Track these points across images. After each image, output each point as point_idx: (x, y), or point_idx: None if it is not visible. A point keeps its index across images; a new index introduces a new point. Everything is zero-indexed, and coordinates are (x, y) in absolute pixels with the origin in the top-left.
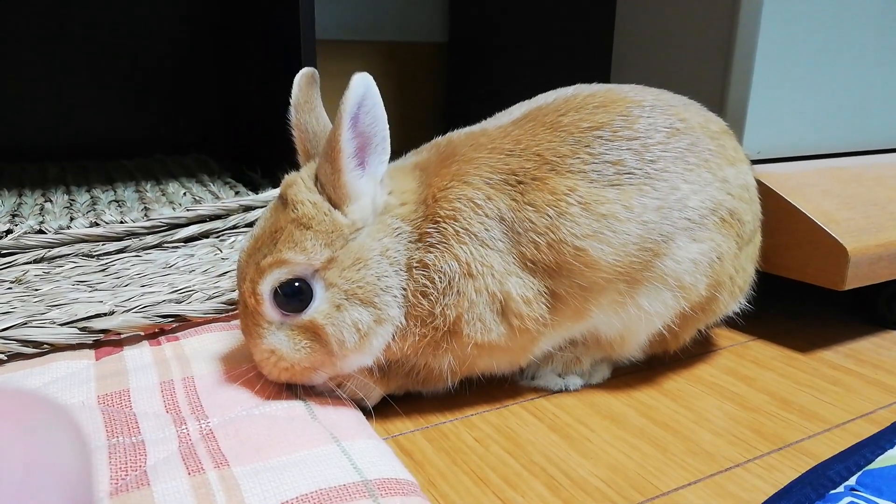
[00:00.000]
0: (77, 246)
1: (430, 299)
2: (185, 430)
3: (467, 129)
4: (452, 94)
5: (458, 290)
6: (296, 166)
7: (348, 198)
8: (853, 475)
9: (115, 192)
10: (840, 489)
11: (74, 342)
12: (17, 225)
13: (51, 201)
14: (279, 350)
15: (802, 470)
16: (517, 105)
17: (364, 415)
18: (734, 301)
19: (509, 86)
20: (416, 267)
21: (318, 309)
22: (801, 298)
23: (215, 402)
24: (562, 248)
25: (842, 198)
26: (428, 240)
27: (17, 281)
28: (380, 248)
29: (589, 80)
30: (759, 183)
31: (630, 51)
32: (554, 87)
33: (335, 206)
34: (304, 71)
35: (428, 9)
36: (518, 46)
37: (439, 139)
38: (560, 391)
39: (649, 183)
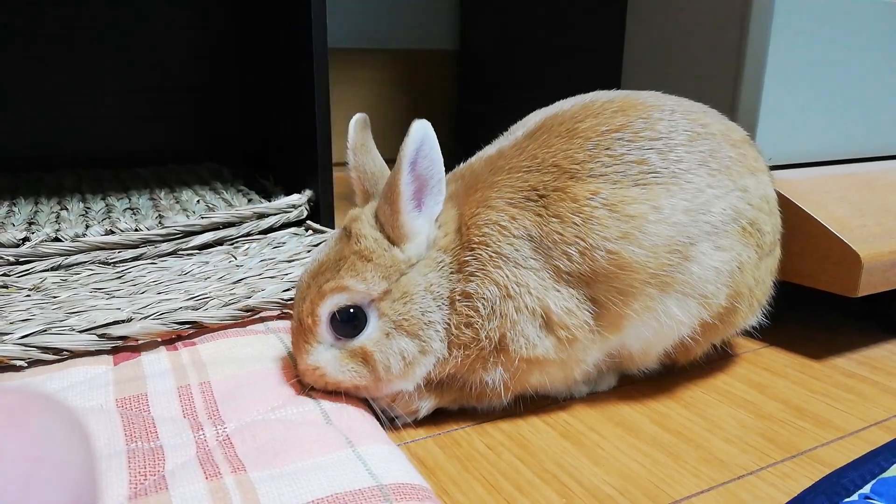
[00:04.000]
0: (93, 254)
1: (475, 327)
2: (202, 436)
3: (484, 152)
4: (464, 101)
5: (500, 313)
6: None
7: (405, 237)
8: (867, 483)
9: (130, 199)
10: (854, 497)
11: (93, 349)
12: (34, 233)
13: (67, 209)
14: (323, 367)
15: (816, 478)
16: (534, 113)
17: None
18: (752, 314)
19: (520, 92)
20: (458, 299)
21: (370, 336)
22: (815, 305)
23: (231, 406)
24: (595, 254)
25: (854, 204)
26: (467, 269)
27: (36, 288)
28: (425, 284)
29: (599, 86)
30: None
31: (640, 57)
32: (564, 93)
33: (393, 243)
34: (357, 116)
35: (439, 18)
36: (528, 53)
37: (461, 168)
38: (566, 398)
39: (676, 183)
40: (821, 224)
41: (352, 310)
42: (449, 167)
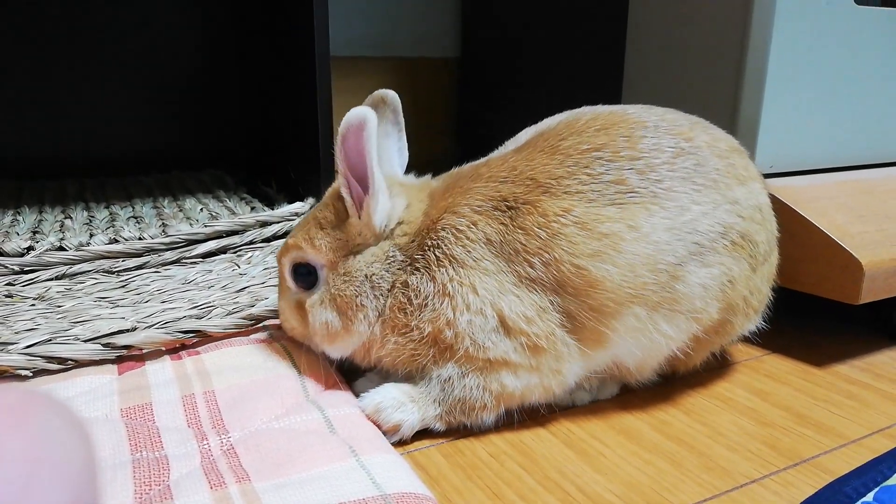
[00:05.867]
0: (97, 262)
1: (406, 313)
2: (206, 446)
3: (478, 160)
4: (465, 108)
5: (432, 308)
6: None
7: (357, 212)
8: (870, 491)
9: (134, 208)
10: None
11: (98, 358)
12: (38, 242)
13: (71, 218)
14: (284, 312)
15: (819, 486)
16: (524, 130)
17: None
18: (748, 322)
19: (520, 100)
20: (398, 286)
21: (312, 297)
22: (816, 312)
23: (235, 415)
24: (560, 267)
25: (855, 211)
26: (415, 264)
27: (40, 297)
28: (367, 272)
29: (600, 94)
30: (772, 197)
31: (641, 66)
32: (565, 100)
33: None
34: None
35: (440, 25)
36: (529, 61)
37: (454, 170)
38: (568, 407)
39: (657, 202)
40: (822, 231)
41: (306, 267)
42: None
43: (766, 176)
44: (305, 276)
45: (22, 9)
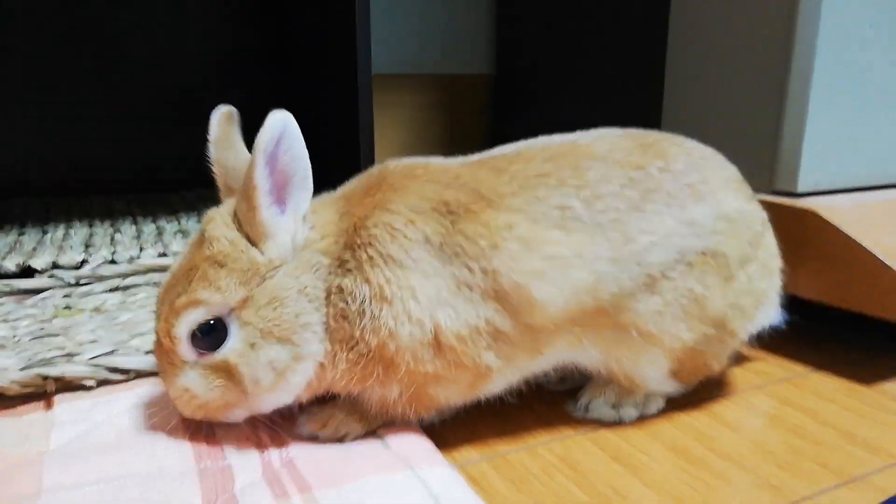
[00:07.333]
0: (148, 276)
1: (349, 321)
2: (267, 457)
3: (411, 159)
4: (500, 125)
5: (371, 315)
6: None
7: (265, 235)
8: None
9: (179, 222)
10: None
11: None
12: (91, 255)
13: (120, 232)
14: (192, 389)
15: None
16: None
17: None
18: (753, 322)
19: (556, 116)
20: (334, 292)
21: (232, 348)
22: (861, 330)
23: (293, 432)
24: (498, 278)
25: None
26: (346, 266)
27: (97, 310)
28: (297, 286)
29: (638, 113)
30: (817, 216)
31: (682, 84)
32: (601, 119)
33: (253, 243)
34: (222, 109)
35: (476, 42)
36: (565, 79)
37: (374, 167)
38: (615, 422)
39: (601, 233)
40: (868, 251)
41: (211, 322)
42: None
43: (810, 195)
44: (212, 333)
45: (72, 34)
